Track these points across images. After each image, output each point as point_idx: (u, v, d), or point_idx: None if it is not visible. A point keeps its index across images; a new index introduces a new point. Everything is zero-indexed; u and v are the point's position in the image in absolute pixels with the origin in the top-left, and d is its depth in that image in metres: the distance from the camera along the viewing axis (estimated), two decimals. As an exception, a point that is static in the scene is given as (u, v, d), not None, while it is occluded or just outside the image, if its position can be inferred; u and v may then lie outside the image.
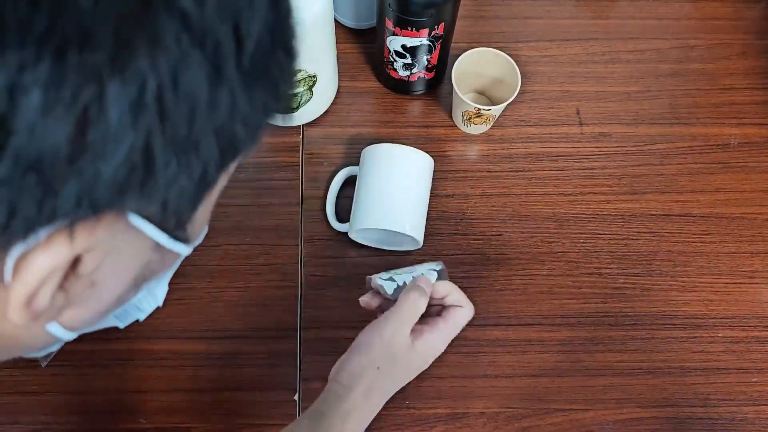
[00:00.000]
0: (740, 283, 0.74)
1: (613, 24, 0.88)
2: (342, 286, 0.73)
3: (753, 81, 0.85)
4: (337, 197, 0.76)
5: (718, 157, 0.80)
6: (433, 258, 0.72)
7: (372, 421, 0.67)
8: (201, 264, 0.73)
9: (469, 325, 0.71)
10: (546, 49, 0.86)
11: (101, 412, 0.68)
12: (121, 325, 0.41)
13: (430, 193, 0.74)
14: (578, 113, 0.82)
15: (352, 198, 0.73)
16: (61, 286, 0.27)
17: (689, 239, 0.76)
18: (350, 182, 0.76)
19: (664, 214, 0.77)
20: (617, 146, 0.80)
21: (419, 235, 0.71)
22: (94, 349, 0.70)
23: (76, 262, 0.26)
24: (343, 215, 0.75)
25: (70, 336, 0.33)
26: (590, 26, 0.87)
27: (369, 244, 0.74)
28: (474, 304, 0.72)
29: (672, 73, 0.85)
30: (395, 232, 0.70)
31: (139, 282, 0.33)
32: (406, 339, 0.60)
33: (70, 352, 0.69)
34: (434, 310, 0.64)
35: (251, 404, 0.68)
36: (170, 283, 0.73)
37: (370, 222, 0.69)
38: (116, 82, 0.22)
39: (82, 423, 0.67)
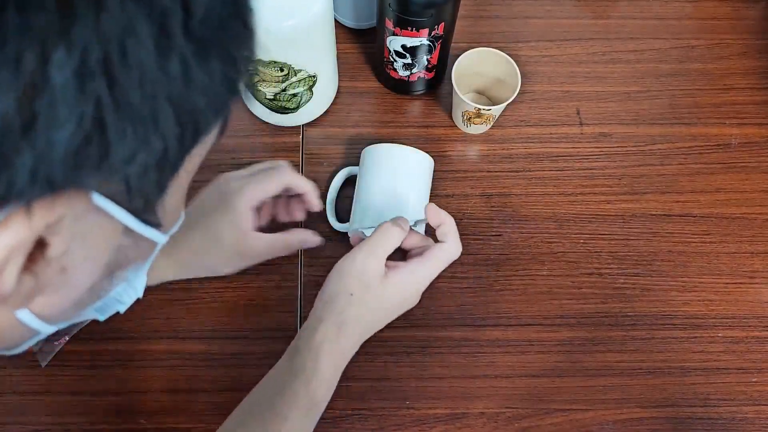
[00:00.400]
0: (740, 283, 0.74)
1: (613, 24, 0.88)
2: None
3: (753, 81, 0.85)
4: (337, 197, 0.76)
5: (718, 157, 0.80)
6: None
7: (372, 421, 0.67)
8: (201, 264, 0.73)
9: (469, 325, 0.72)
10: (546, 49, 0.86)
11: (101, 413, 0.68)
12: (101, 318, 0.40)
13: (430, 193, 0.74)
14: (578, 113, 0.82)
15: (352, 198, 0.73)
16: (29, 270, 0.27)
17: (689, 239, 0.76)
18: (350, 182, 0.76)
19: (664, 215, 0.77)
20: (617, 146, 0.80)
21: (420, 233, 0.71)
22: (94, 349, 0.70)
23: (43, 246, 0.26)
24: (343, 215, 0.75)
25: (47, 328, 0.33)
26: (590, 26, 0.87)
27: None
28: (474, 305, 0.72)
29: (672, 73, 0.85)
30: None
31: (113, 269, 0.32)
32: (378, 267, 0.58)
33: (69, 352, 0.69)
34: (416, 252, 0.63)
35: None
36: (170, 283, 0.73)
37: (369, 222, 0.69)
38: (60, 47, 0.21)
39: (82, 423, 0.67)
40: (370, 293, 0.58)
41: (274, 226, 0.69)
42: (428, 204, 0.62)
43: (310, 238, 0.68)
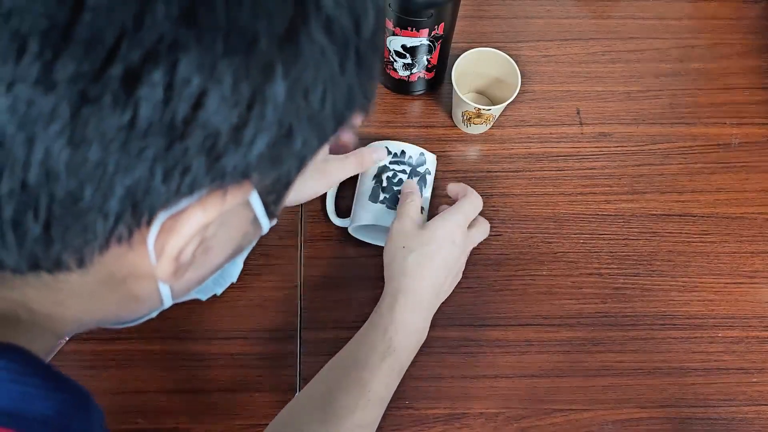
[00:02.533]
0: (740, 283, 0.74)
1: (613, 24, 0.88)
2: (342, 286, 0.73)
3: (753, 81, 0.84)
4: (338, 195, 0.76)
5: (718, 157, 0.80)
6: None
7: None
8: (201, 264, 0.73)
9: (469, 325, 0.72)
10: (546, 49, 0.86)
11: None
12: (203, 298, 0.47)
13: (430, 193, 0.74)
14: (578, 113, 0.82)
15: (352, 195, 0.73)
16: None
17: (689, 239, 0.76)
18: (351, 181, 0.75)
19: (664, 214, 0.77)
20: (617, 146, 0.80)
21: None
22: (94, 349, 0.70)
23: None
24: (344, 212, 0.75)
25: (170, 301, 0.38)
26: (590, 26, 0.87)
27: (368, 241, 0.74)
28: (474, 305, 0.72)
29: (672, 72, 0.85)
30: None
31: (236, 252, 0.37)
32: (413, 221, 0.65)
33: (69, 352, 0.69)
34: None
35: (251, 404, 0.68)
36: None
37: (369, 218, 0.69)
38: (281, 71, 0.27)
39: (82, 423, 0.67)
40: (417, 238, 0.64)
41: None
42: (450, 184, 0.70)
43: (379, 154, 0.71)
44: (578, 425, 0.68)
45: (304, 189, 0.68)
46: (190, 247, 0.31)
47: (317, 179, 0.68)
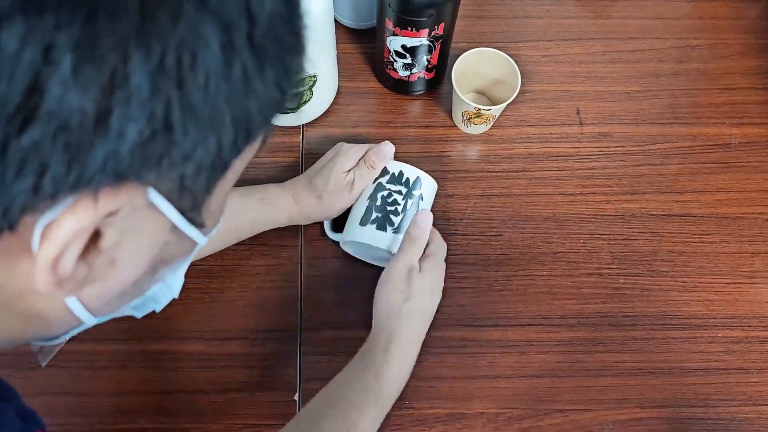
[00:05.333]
0: (740, 283, 0.74)
1: (613, 24, 0.88)
2: (342, 286, 0.73)
3: (753, 81, 0.85)
4: None
5: (718, 157, 0.80)
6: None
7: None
8: (201, 264, 0.73)
9: (469, 325, 0.72)
10: (546, 49, 0.86)
11: (100, 413, 0.68)
12: (138, 315, 0.42)
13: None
14: (578, 113, 0.82)
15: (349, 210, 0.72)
16: (84, 259, 0.28)
17: (689, 239, 0.76)
18: None
19: (664, 214, 0.77)
20: (617, 146, 0.80)
21: None
22: (94, 350, 0.70)
23: (97, 237, 0.28)
24: (340, 226, 0.74)
25: (90, 319, 0.35)
26: (590, 26, 0.87)
27: (358, 256, 0.73)
28: (474, 305, 0.73)
29: (672, 73, 0.85)
30: (384, 250, 0.68)
31: (156, 266, 0.34)
32: (413, 266, 0.67)
33: (69, 352, 0.69)
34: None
35: (251, 404, 0.68)
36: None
37: (359, 236, 0.68)
38: (141, 49, 0.24)
39: (82, 424, 0.67)
40: (415, 286, 0.65)
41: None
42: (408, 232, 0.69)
43: (387, 149, 0.71)
44: (578, 425, 0.68)
45: (332, 206, 0.71)
46: (69, 256, 0.27)
47: (342, 196, 0.70)
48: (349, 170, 0.70)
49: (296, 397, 0.68)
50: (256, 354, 0.70)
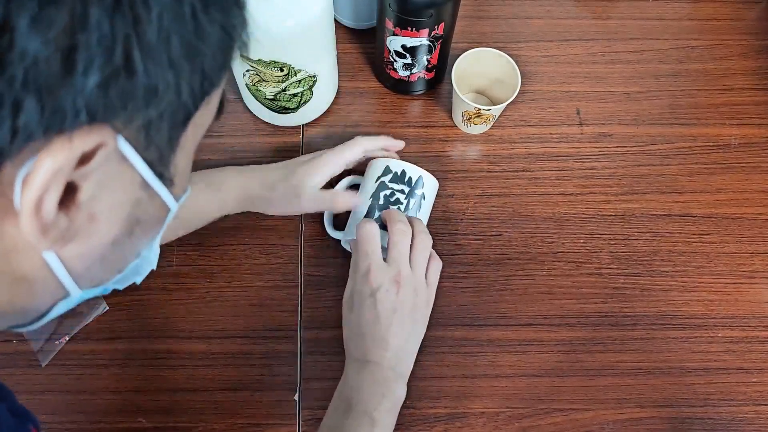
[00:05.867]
0: (740, 283, 0.74)
1: (613, 24, 0.88)
2: (342, 286, 0.73)
3: (753, 81, 0.85)
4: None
5: (718, 158, 0.80)
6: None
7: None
8: (201, 264, 0.73)
9: (469, 325, 0.72)
10: (546, 49, 0.86)
11: (101, 412, 0.68)
12: (120, 287, 0.43)
13: (427, 219, 0.73)
14: (578, 113, 0.82)
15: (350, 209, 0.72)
16: (64, 211, 0.29)
17: (689, 239, 0.76)
18: (354, 189, 0.75)
19: (664, 215, 0.77)
20: (617, 146, 0.80)
21: None
22: (94, 349, 0.70)
23: (74, 191, 0.29)
24: (341, 225, 0.74)
25: (74, 288, 0.35)
26: (590, 26, 0.87)
27: None
28: (474, 304, 0.73)
29: (672, 73, 0.85)
30: (385, 248, 0.68)
31: (132, 226, 0.35)
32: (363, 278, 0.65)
33: (69, 352, 0.69)
34: None
35: (251, 404, 0.68)
36: (169, 283, 0.74)
37: None
38: None
39: (82, 423, 0.67)
40: (366, 307, 0.64)
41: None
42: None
43: (354, 201, 0.72)
44: (578, 425, 0.68)
45: (273, 207, 0.71)
46: (49, 200, 0.28)
47: (288, 205, 0.71)
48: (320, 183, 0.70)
49: (296, 397, 0.68)
50: (256, 353, 0.70)
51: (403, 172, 0.70)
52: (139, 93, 0.28)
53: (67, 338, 0.69)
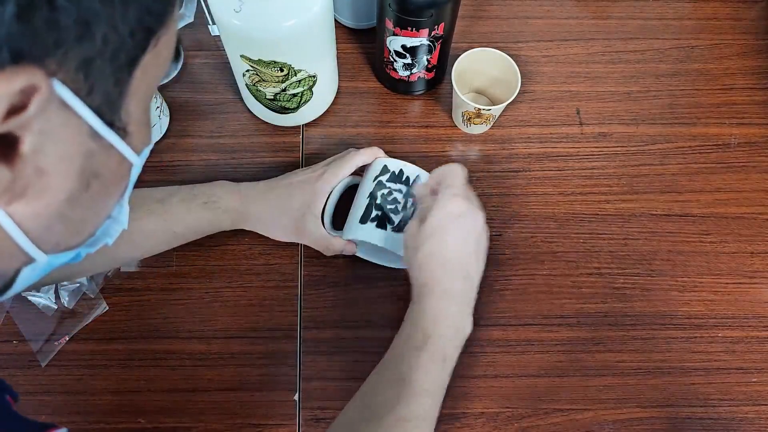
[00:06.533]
0: (740, 283, 0.74)
1: (613, 24, 0.88)
2: (342, 286, 0.73)
3: (753, 81, 0.85)
4: (336, 208, 0.75)
5: (718, 157, 0.80)
6: None
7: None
8: (201, 264, 0.73)
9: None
10: (546, 49, 0.86)
11: (101, 412, 0.68)
12: (91, 250, 0.40)
13: None
14: (578, 113, 0.82)
15: (350, 208, 0.72)
16: (7, 164, 0.28)
17: (689, 239, 0.76)
18: (349, 194, 0.75)
19: (664, 214, 0.77)
20: (617, 146, 0.80)
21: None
22: (94, 349, 0.70)
23: (16, 143, 0.27)
24: (339, 221, 0.74)
25: (39, 254, 0.33)
26: (590, 26, 0.87)
27: (360, 255, 0.73)
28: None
29: (672, 73, 0.85)
30: (383, 248, 0.68)
31: (88, 179, 0.33)
32: (417, 223, 0.62)
33: (69, 352, 0.69)
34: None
35: (251, 404, 0.68)
36: (170, 283, 0.74)
37: (359, 234, 0.68)
38: None
39: (82, 423, 0.67)
40: (420, 235, 0.61)
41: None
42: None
43: (349, 249, 0.72)
44: (578, 425, 0.68)
45: (274, 234, 0.71)
46: None
47: (290, 232, 0.70)
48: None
49: (296, 397, 0.68)
50: (256, 353, 0.70)
51: (401, 172, 0.70)
52: (68, 27, 0.26)
53: (67, 338, 0.70)
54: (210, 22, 0.83)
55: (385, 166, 0.70)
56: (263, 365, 0.70)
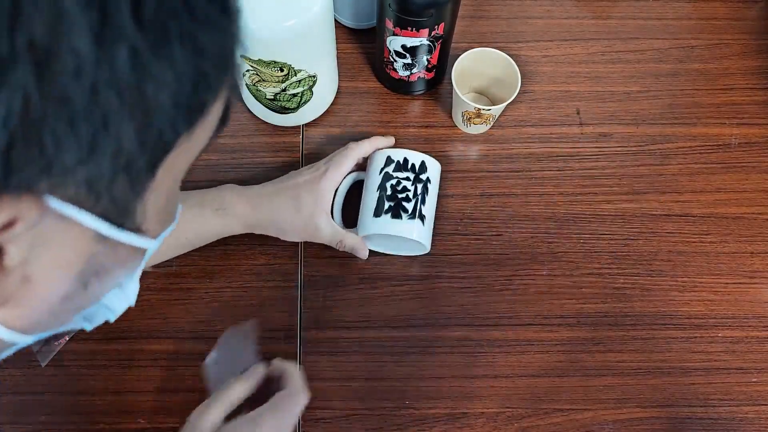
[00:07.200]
0: (740, 283, 0.74)
1: (613, 24, 0.88)
2: (342, 286, 0.73)
3: (753, 81, 0.85)
4: (345, 205, 0.75)
5: (718, 157, 0.80)
6: (432, 259, 0.73)
7: (372, 421, 0.68)
8: (201, 264, 0.73)
9: (469, 325, 0.71)
10: (546, 49, 0.86)
11: (101, 412, 0.68)
12: (89, 327, 0.38)
13: (435, 201, 0.73)
14: (578, 113, 0.82)
15: (359, 205, 0.72)
16: None
17: (689, 239, 0.76)
18: (357, 191, 0.75)
19: (664, 214, 0.77)
20: (617, 146, 0.80)
21: (427, 241, 0.70)
22: (94, 349, 0.70)
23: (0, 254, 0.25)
24: (351, 222, 0.74)
25: (23, 338, 0.31)
26: (590, 26, 0.87)
27: (377, 250, 0.73)
28: (474, 304, 0.72)
29: (672, 73, 0.85)
30: (403, 238, 0.69)
31: (87, 278, 0.29)
32: (214, 419, 0.57)
33: (69, 352, 0.69)
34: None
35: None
36: (170, 283, 0.74)
37: (375, 228, 0.69)
38: None
39: (82, 423, 0.67)
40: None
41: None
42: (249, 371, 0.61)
43: (361, 248, 0.72)
44: (578, 425, 0.68)
45: (287, 237, 0.71)
46: None
47: (300, 232, 0.70)
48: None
49: (296, 397, 0.68)
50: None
51: (406, 160, 0.71)
52: (63, 158, 0.22)
53: (67, 338, 0.69)
54: (210, 22, 0.83)
55: (389, 156, 0.71)
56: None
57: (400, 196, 0.69)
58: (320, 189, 0.69)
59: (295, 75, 0.71)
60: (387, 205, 0.69)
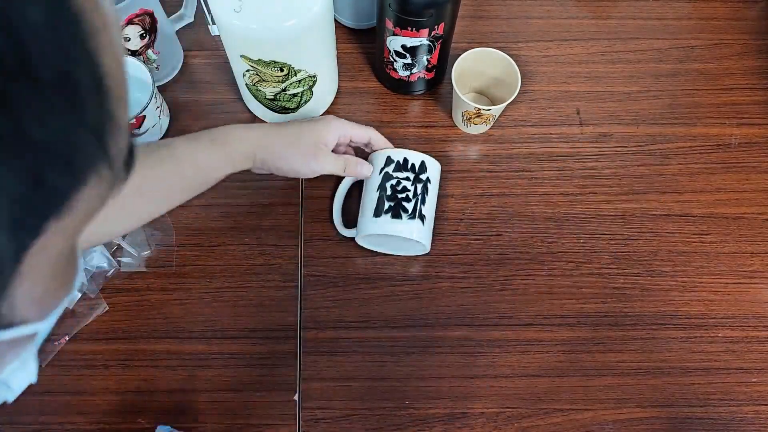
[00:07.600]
0: (740, 283, 0.74)
1: (613, 24, 0.88)
2: (342, 286, 0.73)
3: (753, 81, 0.85)
4: (344, 206, 0.75)
5: (718, 157, 0.80)
6: (432, 259, 0.73)
7: (372, 421, 0.68)
8: (201, 264, 0.73)
9: (469, 325, 0.72)
10: (546, 49, 0.86)
11: (101, 413, 0.68)
12: None
13: (435, 201, 0.73)
14: (578, 113, 0.82)
15: (359, 205, 0.73)
16: None
17: (689, 239, 0.76)
18: (357, 191, 0.75)
19: (664, 214, 0.77)
20: (617, 146, 0.80)
21: (427, 241, 0.71)
22: (94, 349, 0.70)
23: None
24: (351, 223, 0.74)
25: None
26: (590, 26, 0.87)
27: (376, 249, 0.73)
28: (474, 304, 0.72)
29: (672, 73, 0.85)
30: (403, 238, 0.69)
31: None
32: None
33: (70, 352, 0.69)
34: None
35: (251, 404, 0.68)
36: (170, 283, 0.74)
37: (375, 228, 0.69)
38: None
39: (82, 423, 0.67)
40: None
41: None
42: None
43: (366, 166, 0.72)
44: (578, 425, 0.68)
45: (288, 163, 0.68)
46: None
47: (306, 161, 0.68)
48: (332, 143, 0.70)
49: (296, 397, 0.68)
50: (256, 354, 0.70)
51: (405, 160, 0.71)
52: None
53: (67, 338, 0.69)
54: (210, 22, 0.83)
55: (389, 156, 0.71)
56: (263, 365, 0.70)
57: (400, 196, 0.69)
58: (324, 121, 0.70)
59: (295, 75, 0.71)
60: (387, 205, 0.69)
